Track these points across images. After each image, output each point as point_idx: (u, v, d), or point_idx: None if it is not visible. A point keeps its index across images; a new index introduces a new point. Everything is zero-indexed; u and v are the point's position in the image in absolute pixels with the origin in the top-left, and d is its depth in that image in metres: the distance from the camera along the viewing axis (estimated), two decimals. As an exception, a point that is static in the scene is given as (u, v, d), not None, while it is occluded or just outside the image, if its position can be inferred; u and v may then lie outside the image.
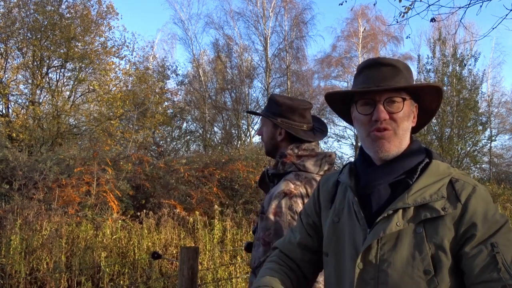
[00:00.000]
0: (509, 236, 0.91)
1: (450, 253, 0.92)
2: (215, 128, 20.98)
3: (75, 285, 4.66)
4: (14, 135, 11.26)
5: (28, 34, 12.68)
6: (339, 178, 1.16)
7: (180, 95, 19.30)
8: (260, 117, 1.89)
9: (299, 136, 1.74)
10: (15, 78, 12.71)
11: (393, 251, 0.95)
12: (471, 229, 0.92)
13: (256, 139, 19.43)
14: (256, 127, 19.89)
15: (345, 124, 21.80)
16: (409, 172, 1.02)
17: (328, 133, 1.94)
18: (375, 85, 1.03)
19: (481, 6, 4.65)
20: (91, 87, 13.59)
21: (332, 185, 1.18)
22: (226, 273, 5.11)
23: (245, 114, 19.34)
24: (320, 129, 1.84)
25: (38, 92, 13.04)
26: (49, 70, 13.27)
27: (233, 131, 20.24)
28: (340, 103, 1.15)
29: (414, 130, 1.13)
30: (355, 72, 1.14)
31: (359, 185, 1.07)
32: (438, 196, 0.96)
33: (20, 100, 13.32)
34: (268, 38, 19.10)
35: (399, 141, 1.03)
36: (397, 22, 5.28)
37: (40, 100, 13.21)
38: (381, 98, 1.02)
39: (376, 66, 1.07)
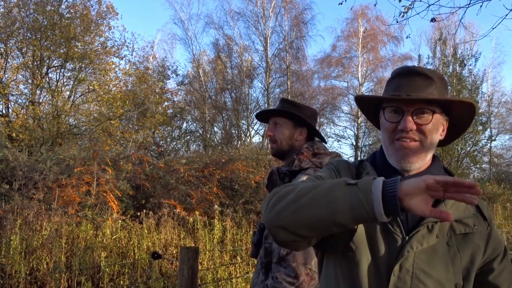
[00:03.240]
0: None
1: (476, 268, 0.99)
2: (215, 128, 21.01)
3: (75, 285, 4.65)
4: (14, 135, 11.25)
5: (28, 34, 12.68)
6: (365, 172, 1.08)
7: (180, 95, 19.32)
8: (270, 118, 1.94)
9: (321, 136, 1.90)
10: (15, 78, 12.71)
11: (430, 262, 0.96)
12: (499, 246, 1.01)
13: (256, 139, 19.43)
14: (256, 127, 19.90)
15: (345, 124, 21.80)
16: None
17: (328, 133, 2.05)
18: (406, 93, 1.00)
19: (481, 6, 4.65)
20: (91, 87, 13.59)
21: (355, 174, 1.10)
22: (226, 273, 5.11)
23: (245, 114, 19.34)
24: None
25: (38, 92, 13.04)
26: (49, 70, 13.27)
27: (233, 131, 20.24)
28: (370, 106, 1.14)
29: (441, 143, 1.11)
30: (355, 72, 1.13)
31: None
32: (469, 212, 1.00)
33: (20, 100, 13.34)
34: (268, 38, 19.11)
35: (424, 153, 1.02)
36: (397, 22, 5.28)
37: (40, 100, 13.21)
38: (410, 108, 1.00)
39: (410, 75, 1.04)
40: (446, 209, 0.97)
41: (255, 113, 1.96)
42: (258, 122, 19.52)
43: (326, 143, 1.96)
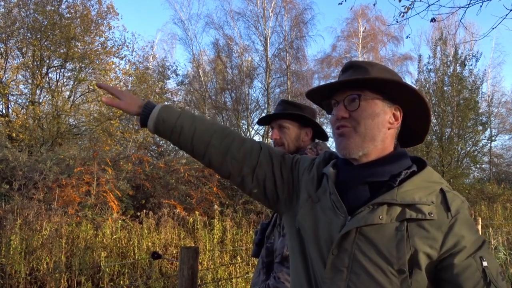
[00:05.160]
0: (489, 252, 0.94)
1: (431, 260, 0.91)
2: (215, 128, 20.95)
3: (75, 285, 4.65)
4: (14, 135, 11.25)
5: (28, 34, 12.68)
6: (324, 171, 1.13)
7: (180, 95, 19.32)
8: (273, 121, 1.93)
9: (326, 134, 1.92)
10: (15, 78, 12.71)
11: (371, 244, 0.94)
12: (461, 241, 0.92)
13: (256, 139, 19.38)
14: (256, 127, 19.88)
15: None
16: (392, 176, 1.00)
17: (329, 133, 2.05)
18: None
19: (481, 6, 4.65)
20: (91, 87, 13.59)
21: (320, 172, 1.15)
22: (226, 273, 5.11)
23: (245, 114, 19.33)
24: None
25: (38, 92, 13.04)
26: (49, 70, 13.27)
27: (233, 131, 20.20)
28: (323, 103, 1.17)
29: (411, 141, 1.13)
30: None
31: (338, 178, 1.06)
32: (427, 200, 0.95)
33: (20, 100, 13.34)
34: (268, 38, 19.10)
35: (361, 139, 1.01)
36: (397, 22, 5.27)
37: (40, 100, 13.20)
38: (342, 97, 1.04)
39: (347, 69, 1.09)
40: (400, 192, 0.96)
41: (258, 119, 1.96)
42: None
43: (327, 139, 1.98)
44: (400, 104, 1.06)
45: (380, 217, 0.94)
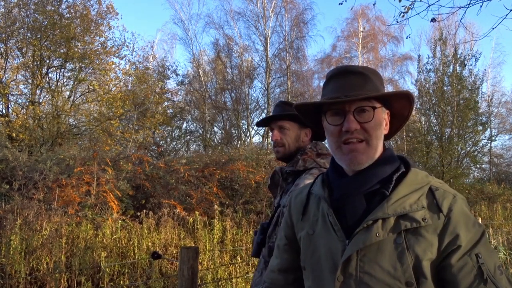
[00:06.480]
0: (488, 245, 0.93)
1: (432, 264, 0.91)
2: (215, 128, 21.02)
3: (75, 285, 4.65)
4: (14, 135, 11.25)
5: (28, 34, 12.69)
6: (311, 190, 1.14)
7: (180, 95, 19.33)
8: (272, 122, 1.92)
9: (324, 135, 1.87)
10: (15, 78, 12.72)
11: (374, 263, 0.93)
12: (455, 240, 0.91)
13: (256, 139, 19.41)
14: (256, 127, 19.86)
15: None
16: (383, 181, 1.00)
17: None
18: (344, 94, 1.00)
19: (481, 6, 4.64)
20: (91, 87, 13.59)
21: (304, 197, 1.15)
22: (226, 273, 5.11)
23: (245, 114, 19.32)
24: None
25: (38, 92, 13.04)
26: (49, 70, 13.28)
27: (233, 131, 20.24)
28: (312, 113, 1.12)
29: (386, 137, 1.11)
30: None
31: (332, 196, 1.05)
32: (418, 206, 0.94)
33: (20, 100, 13.35)
34: (268, 38, 19.10)
35: (373, 151, 1.01)
36: (397, 22, 5.27)
37: (40, 100, 13.20)
38: (351, 108, 0.99)
39: (345, 74, 1.04)
40: (390, 205, 0.95)
41: (257, 121, 1.95)
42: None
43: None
44: (391, 109, 1.08)
45: (377, 234, 0.93)
